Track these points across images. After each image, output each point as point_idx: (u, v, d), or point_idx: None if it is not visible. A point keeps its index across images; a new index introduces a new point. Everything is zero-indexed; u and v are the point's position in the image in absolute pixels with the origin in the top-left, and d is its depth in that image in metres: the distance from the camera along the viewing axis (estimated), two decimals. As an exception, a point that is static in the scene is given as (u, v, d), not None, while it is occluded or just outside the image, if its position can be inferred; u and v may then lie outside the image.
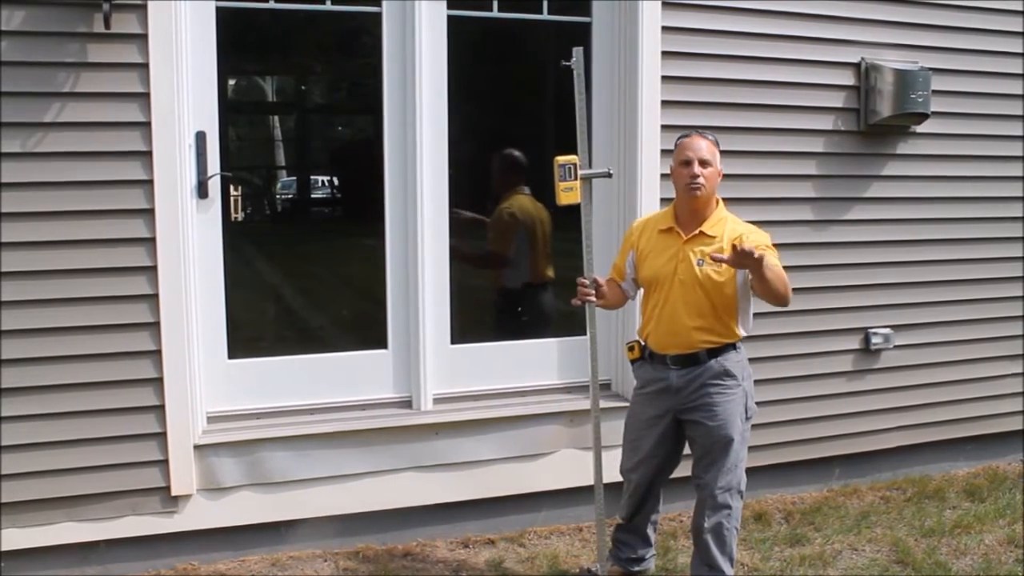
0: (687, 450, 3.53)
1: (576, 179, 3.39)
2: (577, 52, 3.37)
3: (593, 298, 3.46)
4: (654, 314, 3.41)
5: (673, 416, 3.42)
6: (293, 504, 3.89)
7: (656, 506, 3.69)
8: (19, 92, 3.37)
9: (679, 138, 3.42)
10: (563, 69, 3.40)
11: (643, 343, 3.49)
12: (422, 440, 4.03)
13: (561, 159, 3.37)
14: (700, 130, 3.43)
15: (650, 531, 3.72)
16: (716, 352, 3.33)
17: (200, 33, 3.73)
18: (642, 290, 3.55)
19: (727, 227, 3.33)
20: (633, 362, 3.56)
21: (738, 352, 3.37)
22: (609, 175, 3.60)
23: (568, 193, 3.38)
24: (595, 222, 3.67)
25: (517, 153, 4.50)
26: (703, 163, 3.29)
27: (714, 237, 3.30)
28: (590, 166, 3.46)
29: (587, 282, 3.46)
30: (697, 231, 3.32)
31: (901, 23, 4.62)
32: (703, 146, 3.32)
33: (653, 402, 3.46)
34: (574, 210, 3.44)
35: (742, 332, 3.37)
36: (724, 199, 3.47)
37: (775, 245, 3.36)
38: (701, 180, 3.28)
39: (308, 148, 4.94)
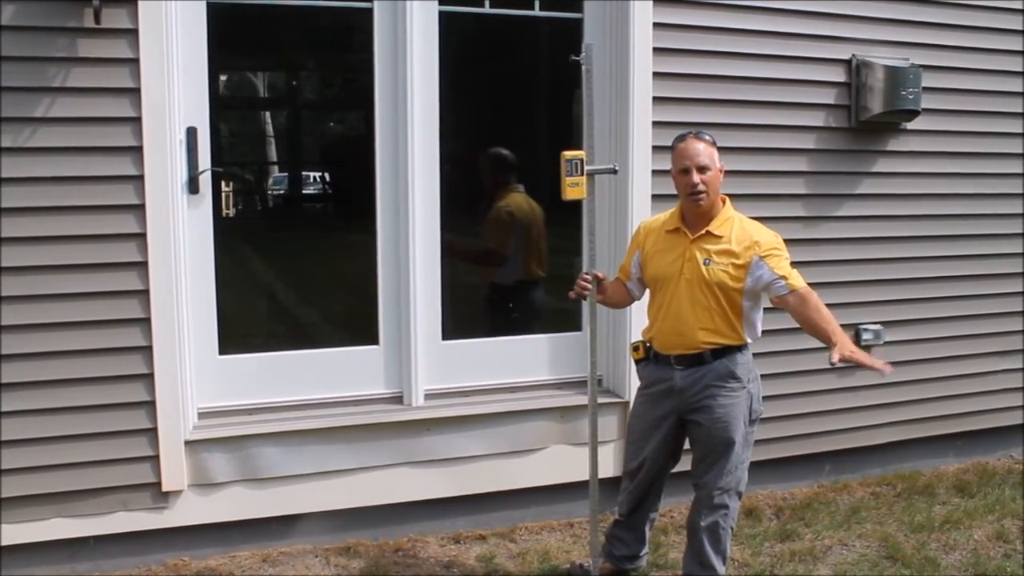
0: (686, 445, 3.52)
1: (583, 174, 3.36)
2: (587, 47, 3.34)
3: (589, 290, 3.46)
4: (659, 314, 3.39)
5: (677, 416, 3.40)
6: (284, 500, 3.89)
7: (656, 504, 3.67)
8: (8, 87, 3.36)
9: (675, 141, 3.35)
10: (556, 64, 3.39)
11: (648, 344, 3.48)
12: (413, 436, 4.03)
13: (568, 154, 3.33)
14: (696, 130, 3.36)
15: (647, 529, 3.70)
16: (721, 353, 3.30)
17: (191, 28, 3.72)
18: (648, 292, 3.53)
19: (734, 226, 3.29)
20: (638, 362, 3.53)
21: (744, 354, 3.33)
22: (615, 171, 3.56)
23: (574, 188, 3.35)
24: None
25: (506, 151, 4.50)
26: (701, 169, 3.23)
27: (721, 236, 3.26)
28: (594, 162, 3.44)
29: (588, 277, 3.46)
30: (704, 231, 3.28)
31: (892, 20, 4.63)
32: (700, 150, 3.26)
33: (657, 403, 3.44)
34: (566, 208, 3.42)
35: (748, 339, 3.34)
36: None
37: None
38: (702, 188, 3.23)
39: (300, 144, 4.93)
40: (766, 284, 3.22)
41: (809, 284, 4.54)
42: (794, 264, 3.30)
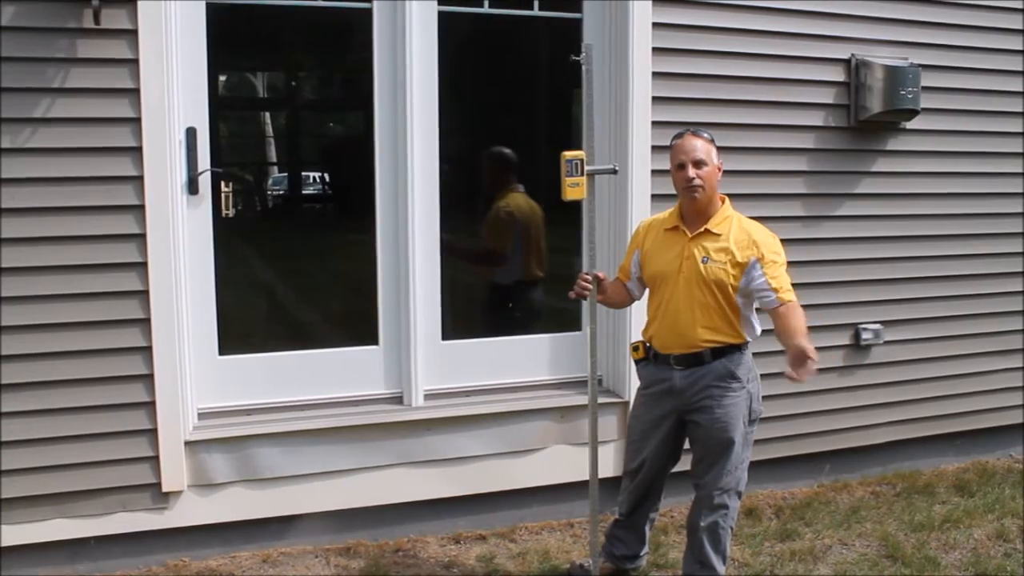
0: (686, 445, 3.52)
1: (583, 175, 3.35)
2: (587, 47, 3.34)
3: (590, 290, 3.45)
4: (658, 313, 3.40)
5: (677, 417, 3.41)
6: (284, 500, 3.89)
7: (656, 504, 3.68)
8: (8, 88, 3.36)
9: (673, 139, 3.37)
10: (556, 65, 3.38)
11: (647, 344, 3.48)
12: (413, 436, 4.03)
13: (568, 154, 3.33)
14: (694, 128, 3.37)
15: (647, 528, 3.71)
16: (720, 352, 3.30)
17: (190, 29, 3.72)
18: (648, 291, 3.53)
19: (733, 225, 3.30)
20: (637, 362, 3.53)
21: (743, 354, 3.33)
22: (615, 171, 3.56)
23: (574, 189, 3.34)
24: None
25: (507, 151, 4.50)
26: (698, 163, 3.25)
27: (719, 235, 3.27)
28: (594, 162, 3.44)
29: (588, 276, 3.46)
30: (703, 228, 3.29)
31: (891, 19, 4.64)
32: (697, 145, 3.27)
33: (657, 403, 3.44)
34: (566, 208, 3.41)
35: (747, 337, 3.33)
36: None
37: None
38: (698, 182, 3.24)
39: (299, 144, 4.93)
40: (756, 289, 3.22)
41: (808, 284, 4.59)
42: (793, 264, 3.30)
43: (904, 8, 4.66)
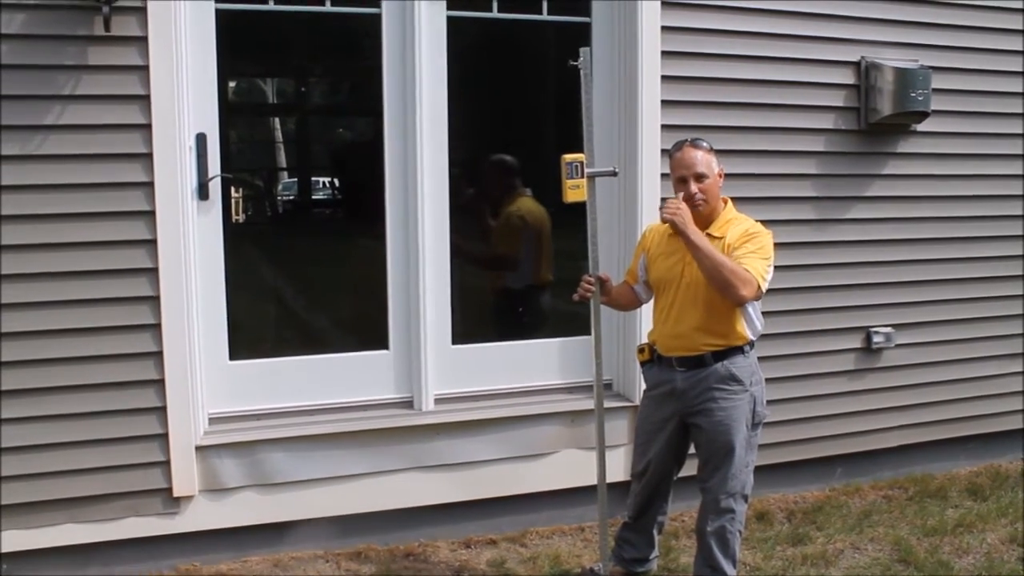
0: (692, 449, 3.52)
1: (583, 177, 3.38)
2: (584, 52, 3.37)
3: (593, 292, 3.45)
4: (662, 316, 3.42)
5: (680, 419, 3.42)
6: (295, 505, 3.89)
7: (664, 507, 3.68)
8: (19, 95, 3.38)
9: (672, 150, 3.40)
10: (564, 68, 3.40)
11: (653, 346, 3.49)
12: (423, 440, 4.03)
13: (568, 157, 3.37)
14: (693, 137, 3.39)
15: (655, 532, 3.71)
16: (722, 355, 3.30)
17: (200, 35, 3.74)
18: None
19: (733, 228, 3.31)
20: (643, 364, 3.56)
21: (746, 356, 3.34)
22: (615, 174, 3.58)
23: (575, 191, 3.38)
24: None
25: (508, 157, 4.50)
26: (699, 177, 3.28)
27: (721, 238, 3.28)
28: (594, 165, 3.45)
29: (591, 279, 3.47)
30: (704, 233, 3.28)
31: (901, 21, 4.62)
32: (697, 158, 3.30)
33: (661, 405, 3.45)
34: (573, 211, 3.43)
35: (749, 335, 3.34)
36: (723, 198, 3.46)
37: (777, 244, 3.34)
38: (700, 196, 3.28)
39: (309, 149, 4.95)
40: None
41: (819, 287, 4.58)
42: (804, 267, 3.28)
43: (914, 10, 4.64)
